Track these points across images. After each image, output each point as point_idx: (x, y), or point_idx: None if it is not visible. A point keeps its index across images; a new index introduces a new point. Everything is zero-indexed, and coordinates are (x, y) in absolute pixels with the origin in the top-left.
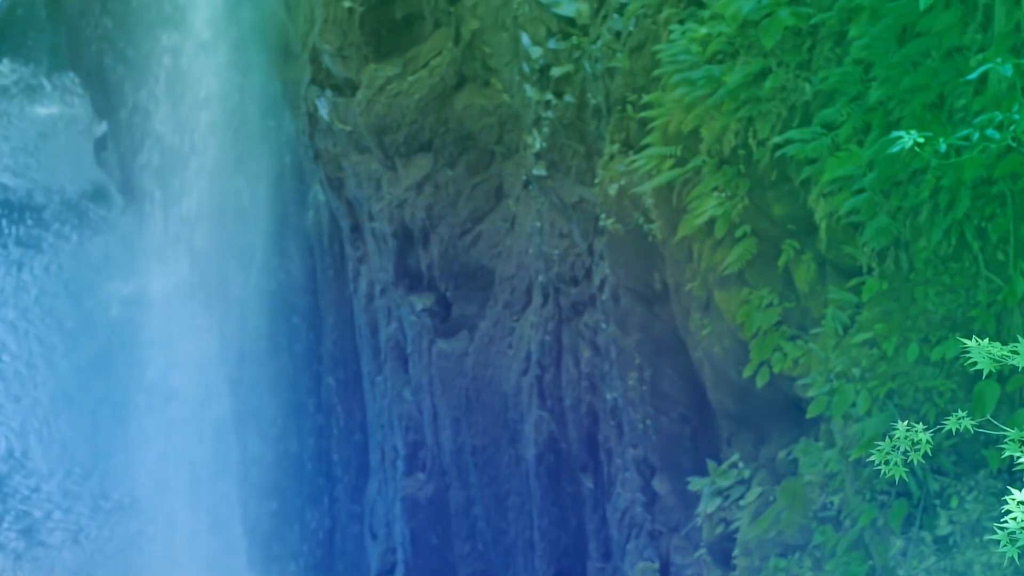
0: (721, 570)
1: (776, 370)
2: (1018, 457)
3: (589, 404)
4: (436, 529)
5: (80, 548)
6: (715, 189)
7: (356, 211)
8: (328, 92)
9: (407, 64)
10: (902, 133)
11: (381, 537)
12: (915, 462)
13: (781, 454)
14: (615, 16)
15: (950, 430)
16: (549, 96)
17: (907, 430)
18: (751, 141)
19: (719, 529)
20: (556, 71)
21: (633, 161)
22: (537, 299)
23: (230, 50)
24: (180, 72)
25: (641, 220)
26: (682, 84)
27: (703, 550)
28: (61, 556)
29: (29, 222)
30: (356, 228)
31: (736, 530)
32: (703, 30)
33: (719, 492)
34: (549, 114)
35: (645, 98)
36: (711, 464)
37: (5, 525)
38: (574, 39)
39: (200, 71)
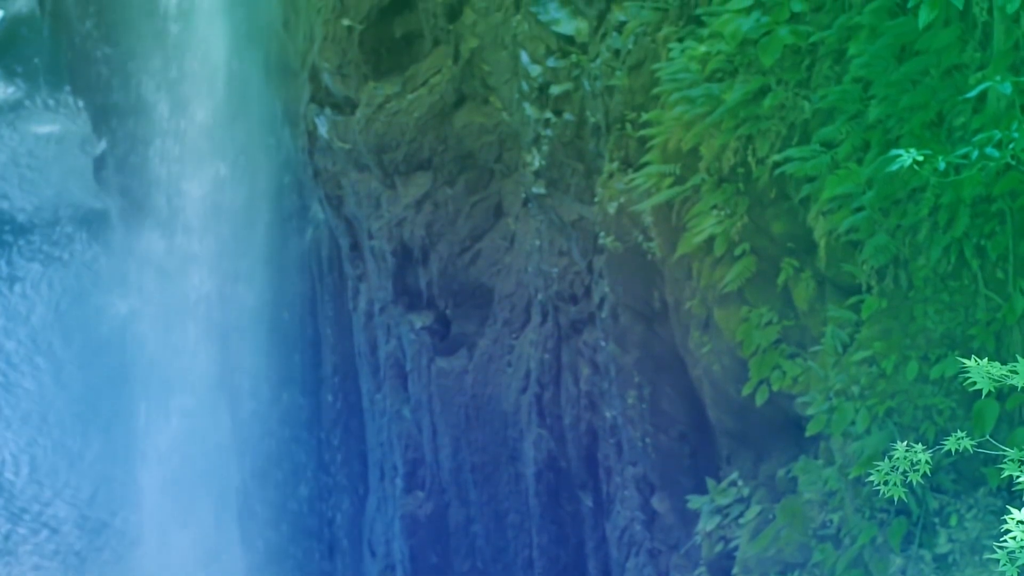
0: None
1: (775, 388)
2: (1017, 476)
3: (588, 422)
4: (435, 547)
5: (77, 573)
6: (714, 207)
7: (355, 229)
8: (327, 110)
9: (406, 82)
10: (901, 151)
11: (380, 555)
12: (914, 482)
13: (780, 472)
14: (614, 34)
15: (950, 449)
16: (548, 114)
17: (906, 450)
18: (750, 159)
19: (718, 547)
20: (555, 89)
21: (632, 179)
22: (536, 317)
23: (229, 69)
24: (180, 90)
25: (640, 238)
26: (681, 102)
27: (702, 568)
28: None
29: (26, 239)
30: (355, 246)
31: (736, 548)
32: (702, 48)
33: (718, 510)
34: (548, 132)
35: (644, 116)
36: (710, 482)
37: (6, 548)
38: (573, 57)
39: (200, 89)
